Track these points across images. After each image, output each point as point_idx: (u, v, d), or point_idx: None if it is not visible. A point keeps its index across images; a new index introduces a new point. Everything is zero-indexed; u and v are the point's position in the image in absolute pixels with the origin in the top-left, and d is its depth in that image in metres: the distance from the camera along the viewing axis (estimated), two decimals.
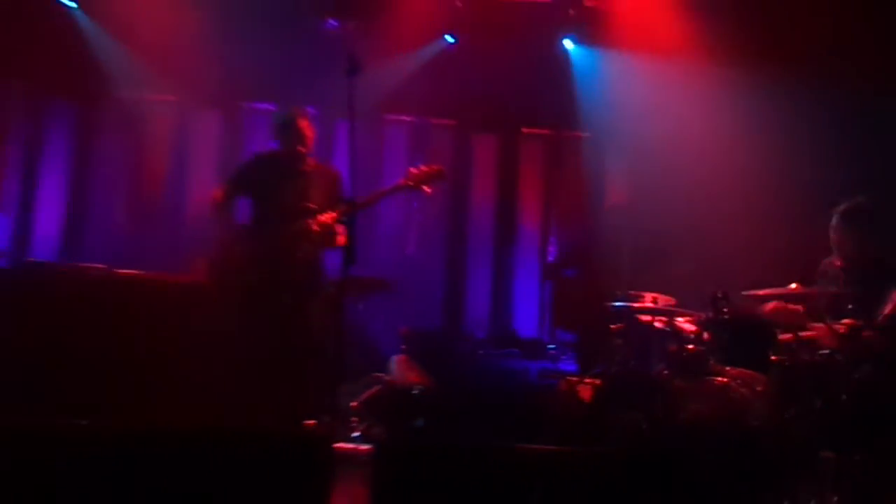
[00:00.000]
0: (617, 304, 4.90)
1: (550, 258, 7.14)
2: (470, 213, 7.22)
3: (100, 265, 5.56)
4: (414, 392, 4.96)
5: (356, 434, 4.77)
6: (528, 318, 7.08)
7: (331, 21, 6.71)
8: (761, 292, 4.21)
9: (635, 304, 4.84)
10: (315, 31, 6.74)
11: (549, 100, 6.94)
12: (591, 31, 6.72)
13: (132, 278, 5.36)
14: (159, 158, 7.06)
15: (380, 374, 5.48)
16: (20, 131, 7.04)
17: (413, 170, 4.36)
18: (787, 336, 3.99)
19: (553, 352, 6.37)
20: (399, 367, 5.48)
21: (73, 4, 6.79)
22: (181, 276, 5.47)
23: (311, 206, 4.24)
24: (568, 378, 5.30)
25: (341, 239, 4.11)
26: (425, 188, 4.33)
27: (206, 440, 2.77)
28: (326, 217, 4.18)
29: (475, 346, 6.46)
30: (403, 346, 5.73)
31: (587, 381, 5.03)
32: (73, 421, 2.85)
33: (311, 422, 4.36)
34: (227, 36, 6.52)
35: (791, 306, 4.16)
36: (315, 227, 4.18)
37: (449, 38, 6.92)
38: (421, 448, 2.85)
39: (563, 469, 2.77)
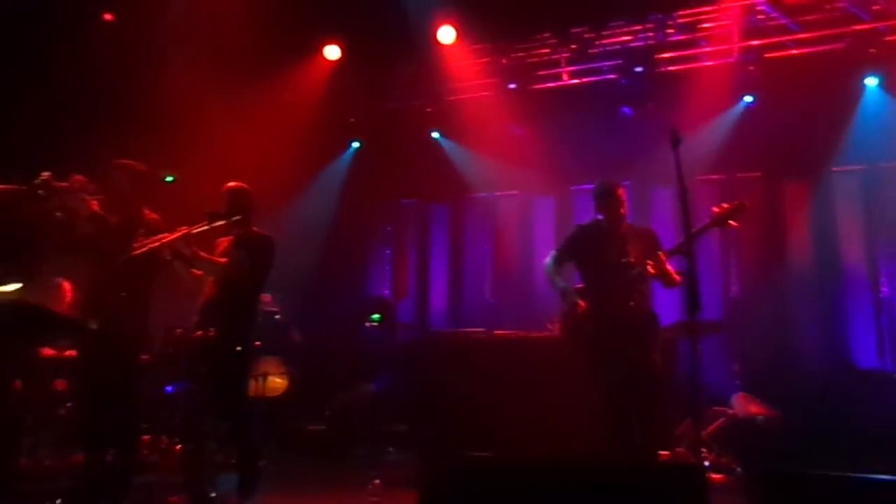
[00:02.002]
0: None
1: (885, 290, 6.38)
2: (787, 253, 6.80)
3: (480, 329, 6.42)
4: (759, 422, 4.81)
5: (707, 464, 4.75)
6: (865, 350, 6.38)
7: (625, 108, 7.01)
8: None
9: None
10: (618, 118, 7.07)
11: (858, 136, 6.38)
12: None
13: (505, 337, 6.10)
14: (511, 241, 7.86)
15: (720, 409, 5.39)
16: (414, 234, 8.40)
17: (716, 209, 4.28)
18: None
19: None
20: (741, 402, 5.35)
21: (437, 135, 8.03)
22: (538, 333, 6.06)
23: (631, 261, 4.35)
24: None
25: (677, 278, 4.23)
26: (731, 223, 4.23)
27: (589, 471, 2.65)
28: (651, 265, 4.31)
29: (813, 377, 6.00)
30: (738, 382, 5.58)
31: None
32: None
33: (666, 453, 4.41)
34: (554, 134, 7.20)
35: None
36: (652, 271, 4.28)
37: (748, 99, 6.77)
38: (794, 477, 2.55)
39: None
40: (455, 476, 2.81)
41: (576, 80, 7.14)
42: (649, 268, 4.29)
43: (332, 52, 7.42)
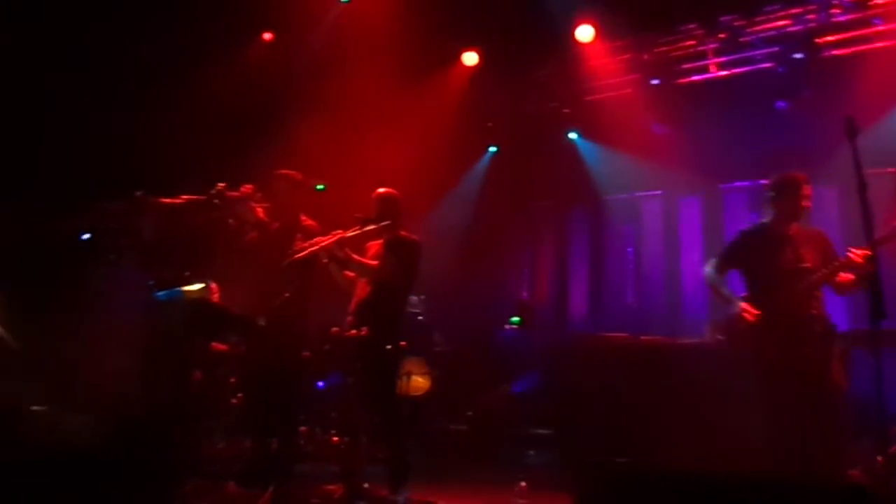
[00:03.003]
0: None
1: None
2: None
3: (623, 334, 6.28)
4: None
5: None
6: None
7: (780, 102, 6.57)
8: None
9: None
10: (772, 111, 6.66)
11: None
12: None
13: (652, 343, 5.94)
14: (654, 243, 7.64)
15: None
16: (552, 236, 8.39)
17: None
18: None
19: None
20: None
21: (575, 136, 7.98)
22: (688, 339, 5.84)
23: (807, 266, 4.12)
24: None
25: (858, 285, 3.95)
26: None
27: (757, 488, 2.55)
28: (828, 271, 4.04)
29: None
30: None
31: None
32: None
33: (854, 472, 4.12)
34: (700, 130, 6.92)
35: None
36: (845, 278, 4.03)
37: None
38: None
39: None
40: (613, 484, 2.79)
41: (725, 72, 6.81)
42: (830, 272, 4.00)
43: (470, 58, 7.59)
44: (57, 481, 2.62)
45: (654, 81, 7.07)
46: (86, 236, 5.17)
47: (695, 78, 6.94)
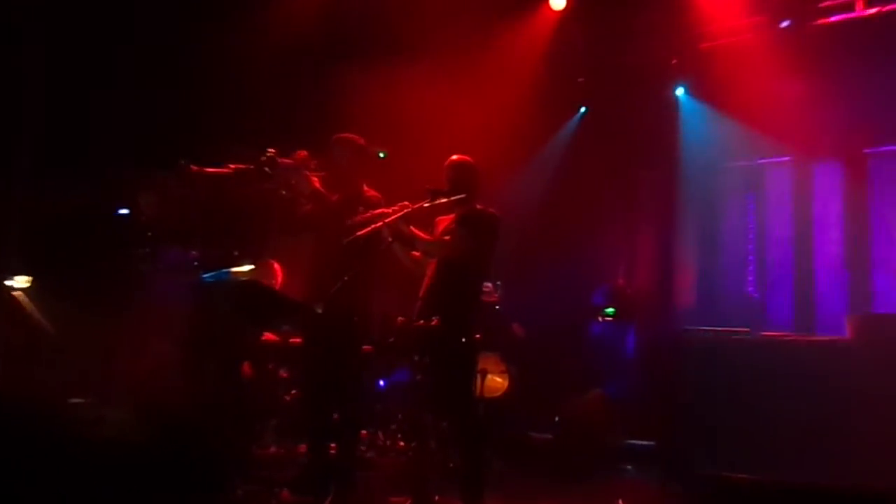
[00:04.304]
0: None
1: None
2: None
3: (743, 329, 6.09)
4: None
5: None
6: None
7: None
8: None
9: None
10: None
11: None
12: None
13: (780, 340, 5.74)
14: (781, 219, 7.34)
15: None
16: (654, 212, 8.16)
17: None
18: None
19: None
20: None
21: (682, 93, 7.74)
22: (826, 336, 5.62)
23: None
24: None
25: None
26: None
27: None
28: None
29: None
30: None
31: None
32: None
33: None
34: (840, 82, 6.59)
35: None
36: None
37: None
38: None
39: None
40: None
41: (874, 10, 6.44)
42: None
43: (558, 1, 7.44)
44: (97, 481, 2.73)
45: (784, 23, 6.77)
46: (123, 212, 5.37)
47: (836, 18, 6.61)
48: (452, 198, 4.39)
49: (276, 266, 5.81)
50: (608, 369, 6.96)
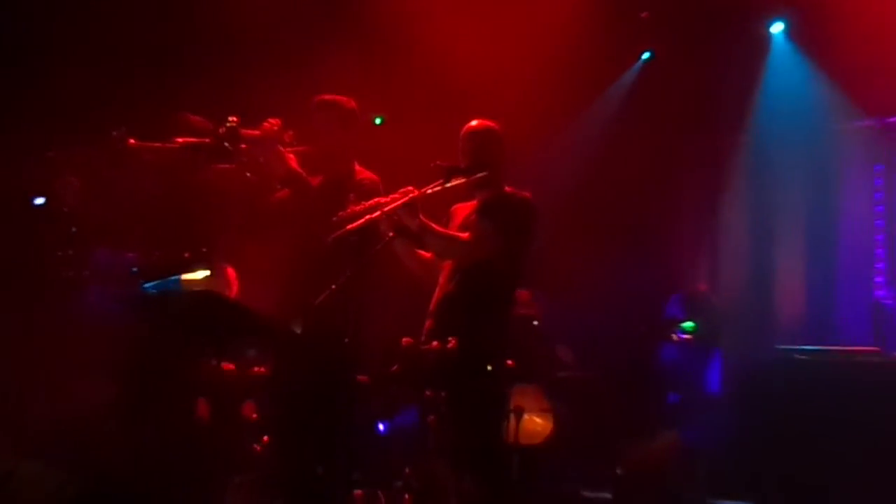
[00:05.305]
0: None
1: None
2: None
3: (870, 348, 6.14)
4: None
5: None
6: None
7: None
8: None
9: None
10: None
11: None
12: None
13: None
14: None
15: None
16: (744, 192, 8.23)
17: None
18: None
19: None
20: None
21: (779, 32, 7.79)
22: None
23: None
24: None
25: None
26: None
27: None
28: None
29: None
30: None
31: None
32: None
33: None
34: None
35: None
36: None
37: None
38: None
39: None
40: None
41: None
42: None
43: None
44: None
45: None
46: (39, 201, 5.41)
47: None
48: (472, 177, 4.40)
49: (231, 272, 5.84)
50: (686, 407, 6.97)
